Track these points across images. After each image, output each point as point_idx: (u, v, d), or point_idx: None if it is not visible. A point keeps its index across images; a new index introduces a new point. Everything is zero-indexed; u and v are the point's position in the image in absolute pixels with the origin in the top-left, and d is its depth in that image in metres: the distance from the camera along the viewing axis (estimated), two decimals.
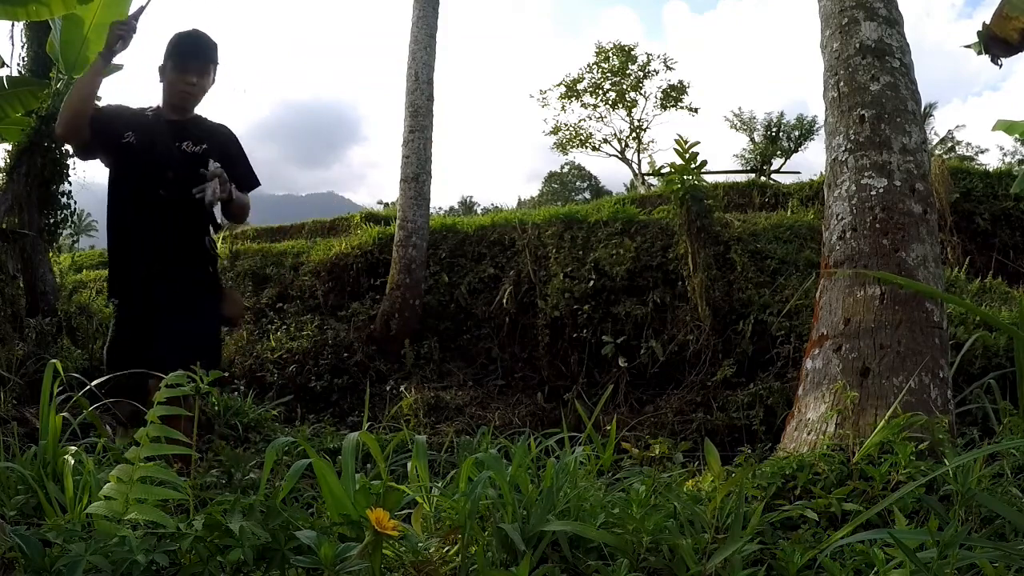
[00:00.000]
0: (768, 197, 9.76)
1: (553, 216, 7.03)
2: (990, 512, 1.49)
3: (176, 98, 2.78)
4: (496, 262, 6.84)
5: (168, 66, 2.76)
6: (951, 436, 2.29)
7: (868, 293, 2.60)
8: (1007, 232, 7.98)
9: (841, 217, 2.79)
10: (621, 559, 1.10)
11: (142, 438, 0.87)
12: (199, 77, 2.78)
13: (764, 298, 5.51)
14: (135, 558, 0.75)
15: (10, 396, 3.79)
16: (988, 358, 3.93)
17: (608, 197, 9.71)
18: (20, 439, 2.01)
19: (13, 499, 1.42)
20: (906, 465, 1.81)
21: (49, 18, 4.76)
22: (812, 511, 1.76)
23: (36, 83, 5.98)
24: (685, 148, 5.83)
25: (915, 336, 2.50)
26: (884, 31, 2.96)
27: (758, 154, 28.46)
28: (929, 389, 2.43)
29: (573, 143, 25.00)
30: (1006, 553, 0.94)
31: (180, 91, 2.76)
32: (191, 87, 2.76)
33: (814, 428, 2.46)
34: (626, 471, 1.99)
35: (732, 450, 3.81)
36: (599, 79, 24.04)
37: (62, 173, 6.47)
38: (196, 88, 2.78)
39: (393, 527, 0.83)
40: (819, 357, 2.64)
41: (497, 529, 1.17)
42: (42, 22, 5.79)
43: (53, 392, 1.79)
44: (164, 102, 2.81)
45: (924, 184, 2.78)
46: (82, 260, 9.71)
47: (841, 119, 2.92)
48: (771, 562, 1.31)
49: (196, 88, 2.78)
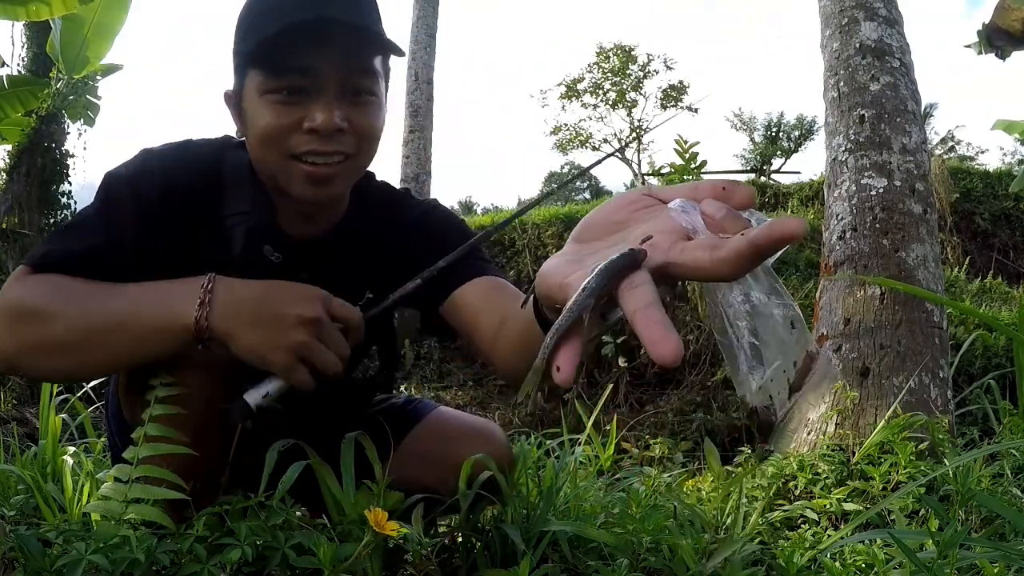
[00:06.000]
0: (768, 197, 9.77)
1: (553, 216, 7.04)
2: (990, 512, 1.49)
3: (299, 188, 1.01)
4: (496, 262, 6.84)
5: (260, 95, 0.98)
6: (951, 436, 2.29)
7: (868, 293, 2.60)
8: (1007, 232, 7.98)
9: (841, 217, 2.79)
10: (621, 559, 1.10)
11: (139, 438, 0.87)
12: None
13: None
14: (135, 557, 0.75)
15: (10, 396, 3.79)
16: (988, 358, 3.93)
17: (608, 197, 9.70)
18: (20, 439, 2.01)
19: (13, 499, 1.42)
20: (906, 465, 1.81)
21: (49, 18, 4.76)
22: (812, 511, 1.76)
23: (36, 83, 5.98)
24: (685, 148, 5.83)
25: (915, 336, 2.50)
26: (884, 31, 2.96)
27: (758, 154, 28.46)
28: (929, 389, 2.43)
29: (573, 143, 25.00)
30: (1006, 553, 0.94)
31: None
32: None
33: (814, 428, 2.46)
34: (626, 471, 1.99)
35: (732, 450, 3.81)
36: (599, 79, 24.04)
37: (62, 173, 6.48)
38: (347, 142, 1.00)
39: (392, 527, 0.83)
40: (819, 357, 2.64)
41: (497, 529, 1.17)
42: (42, 22, 5.79)
43: (52, 392, 1.78)
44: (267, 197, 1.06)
45: (924, 184, 2.78)
46: None
47: (841, 119, 2.91)
48: (771, 562, 1.31)
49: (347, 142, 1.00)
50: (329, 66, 0.93)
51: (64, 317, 0.88)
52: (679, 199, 0.55)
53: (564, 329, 0.51)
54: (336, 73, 0.94)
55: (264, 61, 0.94)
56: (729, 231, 0.51)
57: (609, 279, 0.50)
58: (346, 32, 0.94)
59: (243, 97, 0.99)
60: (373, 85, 0.98)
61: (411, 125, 7.12)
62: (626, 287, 0.50)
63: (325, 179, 0.97)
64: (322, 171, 0.96)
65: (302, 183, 0.97)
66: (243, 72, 0.98)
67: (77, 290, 0.91)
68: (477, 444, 1.18)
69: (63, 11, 4.55)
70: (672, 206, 0.55)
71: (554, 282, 0.57)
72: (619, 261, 0.50)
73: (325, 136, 0.94)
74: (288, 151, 0.96)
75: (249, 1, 1.00)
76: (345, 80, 0.95)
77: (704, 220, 0.53)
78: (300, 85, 0.94)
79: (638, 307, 0.48)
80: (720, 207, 0.53)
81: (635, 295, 0.49)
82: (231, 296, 0.87)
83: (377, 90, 0.99)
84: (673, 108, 23.81)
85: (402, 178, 6.98)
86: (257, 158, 1.01)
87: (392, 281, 1.08)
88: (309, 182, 0.97)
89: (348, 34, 0.94)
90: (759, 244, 0.47)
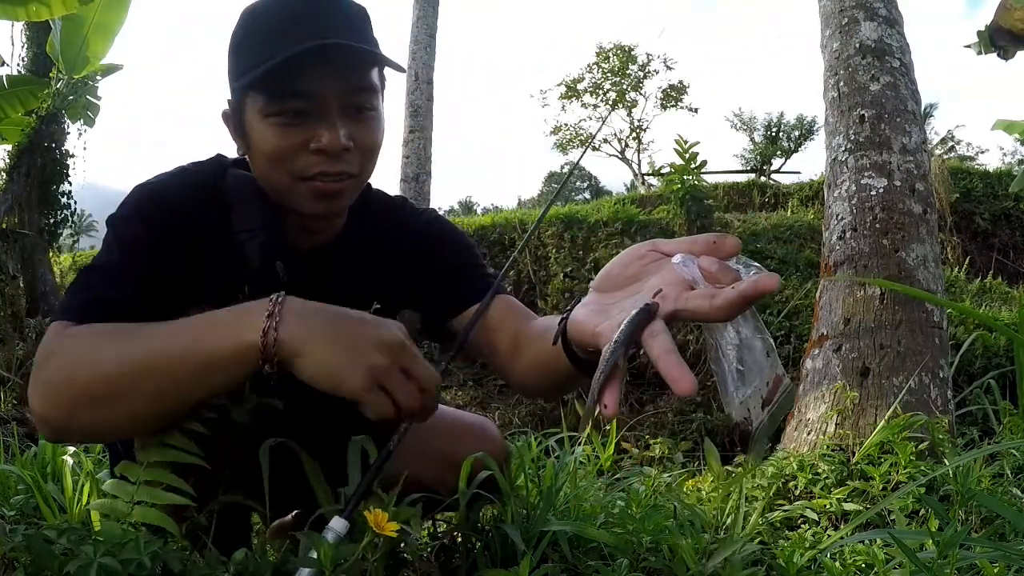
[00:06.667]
0: (768, 197, 9.78)
1: (553, 216, 7.04)
2: (990, 512, 1.49)
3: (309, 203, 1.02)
4: (496, 262, 6.85)
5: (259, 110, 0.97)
6: (951, 436, 2.29)
7: (868, 293, 2.60)
8: (1007, 232, 7.99)
9: (841, 217, 2.79)
10: (621, 559, 1.10)
11: None
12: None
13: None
14: (142, 559, 0.75)
15: (10, 396, 3.79)
16: (988, 358, 3.93)
17: (608, 197, 9.72)
18: (20, 439, 2.01)
19: (13, 499, 1.42)
20: (906, 465, 1.81)
21: (49, 18, 4.76)
22: (812, 511, 1.76)
23: (36, 83, 5.98)
24: (685, 148, 5.84)
25: (915, 336, 2.50)
26: (884, 31, 2.96)
27: (758, 154, 28.46)
28: (929, 389, 2.43)
29: (573, 143, 24.99)
30: (1006, 553, 0.94)
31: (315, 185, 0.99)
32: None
33: (814, 428, 2.46)
34: (626, 471, 1.99)
35: (732, 450, 3.81)
36: (599, 79, 24.04)
37: (62, 173, 6.48)
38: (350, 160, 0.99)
39: (393, 528, 0.83)
40: (819, 357, 2.64)
41: (497, 529, 1.17)
42: (42, 22, 5.79)
43: None
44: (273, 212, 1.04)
45: (924, 184, 2.78)
46: (82, 260, 9.71)
47: (841, 119, 2.91)
48: (771, 562, 1.31)
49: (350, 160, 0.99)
50: (332, 87, 0.94)
51: (117, 361, 0.81)
52: (680, 254, 0.69)
53: (605, 376, 0.65)
54: (338, 93, 0.95)
55: (266, 87, 0.94)
56: (722, 282, 0.66)
57: (634, 332, 0.64)
58: (347, 54, 0.95)
59: (244, 118, 0.99)
60: (373, 100, 1.00)
61: (411, 125, 7.12)
62: (648, 336, 0.65)
63: (334, 194, 0.99)
64: (331, 187, 0.97)
65: (312, 201, 0.99)
66: (243, 93, 0.97)
67: (126, 332, 0.85)
68: (473, 441, 1.20)
69: (63, 11, 4.56)
70: (675, 261, 0.69)
71: (587, 330, 0.73)
72: (639, 315, 0.65)
73: (333, 156, 0.95)
74: (297, 172, 0.97)
75: (245, 22, 0.98)
76: (347, 99, 0.96)
77: (701, 272, 0.67)
78: (303, 108, 0.94)
79: (660, 352, 0.63)
80: (713, 262, 0.68)
81: (656, 342, 0.64)
82: (304, 308, 0.81)
83: (377, 104, 1.00)
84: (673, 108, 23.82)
85: (402, 178, 6.98)
86: (263, 176, 1.01)
87: (392, 290, 1.13)
88: (318, 199, 0.99)
89: (349, 56, 0.95)
90: (746, 296, 0.63)
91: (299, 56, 0.90)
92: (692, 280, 0.67)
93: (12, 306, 5.61)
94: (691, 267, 0.68)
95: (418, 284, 1.15)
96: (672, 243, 0.73)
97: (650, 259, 0.74)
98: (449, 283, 1.14)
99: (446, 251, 1.17)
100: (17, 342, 5.00)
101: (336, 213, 1.05)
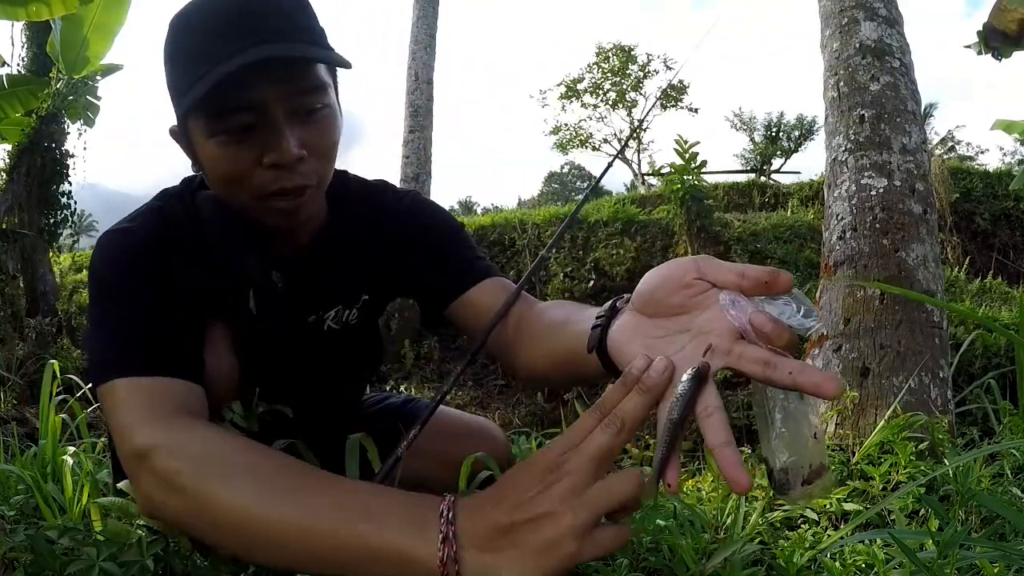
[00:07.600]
0: (768, 197, 9.78)
1: (553, 216, 7.04)
2: (990, 512, 1.49)
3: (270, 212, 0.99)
4: (496, 262, 6.85)
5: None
6: (951, 436, 2.29)
7: (868, 293, 2.60)
8: (1007, 232, 7.99)
9: (841, 217, 2.79)
10: (621, 559, 1.10)
11: None
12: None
13: None
14: (144, 562, 0.75)
15: (10, 396, 3.79)
16: (988, 358, 3.93)
17: (608, 197, 9.72)
18: (20, 439, 2.01)
19: (13, 499, 1.42)
20: (906, 465, 1.81)
21: (49, 18, 4.76)
22: (812, 511, 1.76)
23: (36, 83, 5.98)
24: (685, 148, 5.83)
25: (915, 336, 2.50)
26: (884, 31, 2.96)
27: (758, 154, 28.45)
28: (929, 389, 2.43)
29: (573, 143, 24.99)
30: (1006, 553, 0.94)
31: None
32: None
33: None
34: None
35: None
36: (599, 79, 24.04)
37: (62, 173, 6.48)
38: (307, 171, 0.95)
39: None
40: (819, 357, 2.64)
41: None
42: (42, 22, 5.79)
43: (52, 392, 1.78)
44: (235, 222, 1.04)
45: (924, 184, 2.78)
46: (82, 260, 9.70)
47: (841, 119, 2.92)
48: (771, 562, 1.31)
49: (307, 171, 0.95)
50: (275, 96, 0.87)
51: (264, 520, 0.68)
52: (727, 293, 0.66)
53: (665, 454, 0.64)
54: (282, 99, 0.88)
55: (205, 108, 0.87)
56: (774, 343, 0.63)
57: (687, 405, 0.64)
58: (288, 62, 0.88)
59: (191, 138, 0.93)
60: (322, 98, 0.92)
61: (411, 125, 7.12)
62: (703, 415, 0.63)
63: (296, 209, 0.94)
64: (291, 204, 0.93)
65: (274, 217, 0.95)
66: (184, 115, 0.91)
67: (279, 475, 0.72)
68: (475, 442, 1.21)
69: (63, 11, 4.55)
70: (723, 302, 0.66)
71: (626, 354, 0.71)
72: (692, 385, 0.63)
73: (288, 168, 0.90)
74: (254, 192, 0.92)
75: (175, 32, 0.90)
76: (293, 102, 0.89)
77: (753, 328, 0.64)
78: (248, 122, 0.87)
79: (717, 444, 0.62)
80: (766, 321, 0.64)
81: (712, 427, 0.63)
82: (478, 516, 0.65)
83: (327, 99, 0.93)
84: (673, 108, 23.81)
85: (402, 178, 6.98)
86: (224, 196, 0.97)
87: (384, 277, 1.14)
88: (281, 215, 0.95)
89: (291, 63, 0.88)
90: (803, 389, 0.62)
91: (235, 75, 0.82)
92: (740, 328, 0.65)
93: (12, 306, 5.61)
94: (740, 310, 0.65)
95: (407, 272, 1.13)
96: (720, 270, 0.67)
97: (697, 290, 0.68)
98: (439, 270, 1.11)
99: (431, 236, 1.13)
100: (17, 342, 5.00)
101: (304, 222, 1.00)
